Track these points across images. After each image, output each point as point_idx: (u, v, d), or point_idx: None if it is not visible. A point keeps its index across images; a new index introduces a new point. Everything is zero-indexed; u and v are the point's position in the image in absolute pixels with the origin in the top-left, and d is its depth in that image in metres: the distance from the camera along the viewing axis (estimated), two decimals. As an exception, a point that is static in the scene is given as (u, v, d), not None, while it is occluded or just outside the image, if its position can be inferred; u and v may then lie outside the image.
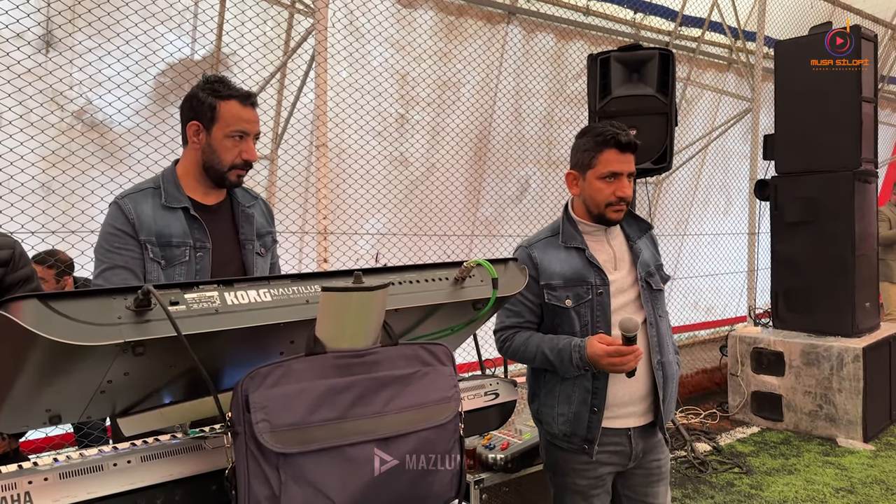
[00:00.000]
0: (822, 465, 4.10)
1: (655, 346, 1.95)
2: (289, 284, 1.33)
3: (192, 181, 1.88)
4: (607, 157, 1.90)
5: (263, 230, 2.04)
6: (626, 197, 1.91)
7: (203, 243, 1.86)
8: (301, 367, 1.24)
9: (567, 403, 1.93)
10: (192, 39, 4.13)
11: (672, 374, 1.99)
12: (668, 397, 1.99)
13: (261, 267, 2.01)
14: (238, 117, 1.81)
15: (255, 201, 2.06)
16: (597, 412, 1.90)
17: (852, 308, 4.69)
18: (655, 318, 1.98)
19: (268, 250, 2.06)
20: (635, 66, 4.23)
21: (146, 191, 1.85)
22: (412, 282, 1.50)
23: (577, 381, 1.92)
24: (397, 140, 5.04)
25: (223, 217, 1.95)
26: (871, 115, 4.83)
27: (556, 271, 1.95)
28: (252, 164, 1.87)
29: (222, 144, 1.81)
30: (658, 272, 2.07)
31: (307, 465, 1.20)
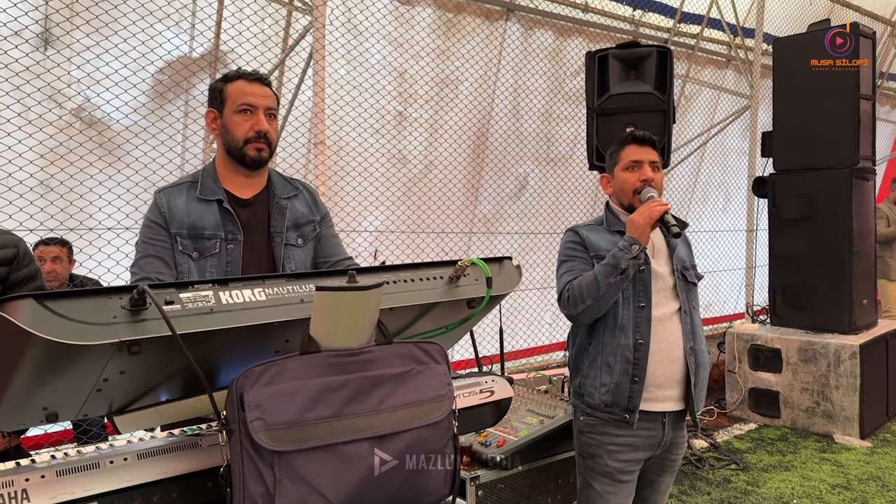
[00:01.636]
0: (818, 461, 4.12)
1: (689, 333, 2.07)
2: (283, 284, 1.34)
3: (227, 173, 1.91)
4: (628, 152, 2.14)
5: (303, 220, 2.00)
6: (648, 178, 2.09)
7: (235, 235, 1.87)
8: (295, 366, 1.25)
9: (609, 374, 2.04)
10: (190, 37, 4.13)
11: (704, 363, 2.12)
12: (700, 384, 2.12)
13: (296, 258, 1.98)
14: (242, 91, 1.83)
15: (297, 191, 2.03)
16: (637, 382, 2.01)
17: (850, 305, 4.70)
18: (689, 307, 2.12)
19: (307, 240, 2.01)
20: (633, 64, 4.23)
21: (183, 185, 1.89)
22: (407, 281, 1.51)
23: (619, 352, 2.03)
24: (396, 137, 5.04)
25: (259, 210, 1.95)
26: (869, 112, 4.84)
27: (602, 246, 2.11)
28: (268, 136, 1.86)
29: (232, 121, 1.84)
30: (692, 269, 2.21)
31: (302, 462, 1.21)
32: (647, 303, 2.05)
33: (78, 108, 3.59)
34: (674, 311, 2.07)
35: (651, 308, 2.05)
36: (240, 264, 1.85)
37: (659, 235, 2.16)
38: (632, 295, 2.06)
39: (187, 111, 4.24)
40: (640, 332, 2.03)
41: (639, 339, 2.02)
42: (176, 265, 1.82)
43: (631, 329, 2.04)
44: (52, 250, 3.41)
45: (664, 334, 2.04)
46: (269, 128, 1.86)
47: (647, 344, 2.02)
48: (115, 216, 3.19)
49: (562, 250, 2.19)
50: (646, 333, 2.03)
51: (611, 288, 1.99)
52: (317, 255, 2.06)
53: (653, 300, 2.06)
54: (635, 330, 2.03)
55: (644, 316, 2.04)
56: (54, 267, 3.43)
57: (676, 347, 2.04)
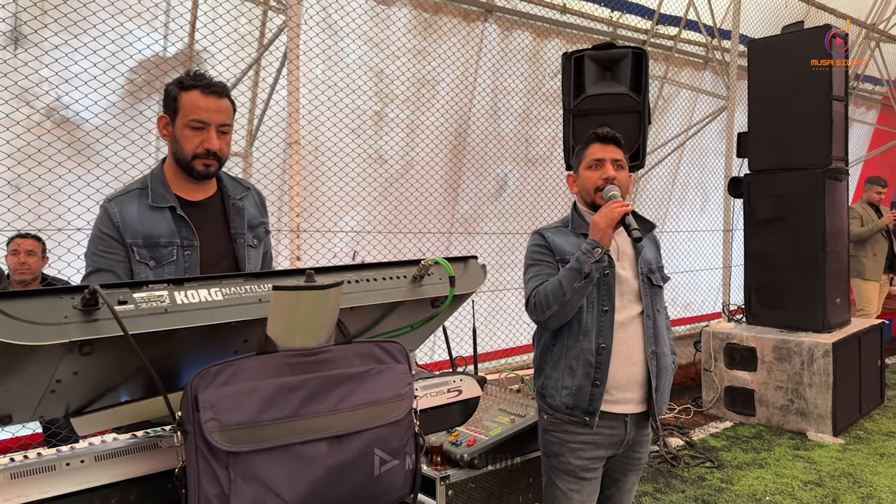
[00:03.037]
0: (791, 458, 4.16)
1: (651, 337, 2.07)
2: (241, 283, 1.33)
3: (177, 178, 1.88)
4: (591, 150, 2.14)
5: (256, 221, 2.04)
6: (610, 177, 2.08)
7: (191, 241, 1.86)
8: (252, 366, 1.24)
9: (571, 377, 2.04)
10: (163, 36, 4.10)
11: (666, 366, 2.12)
12: (662, 388, 2.11)
13: (254, 259, 2.02)
14: (196, 106, 1.79)
15: (247, 192, 2.05)
16: (598, 386, 2.01)
17: (823, 304, 4.76)
18: (653, 311, 2.10)
19: (261, 241, 2.06)
20: (609, 65, 4.25)
21: (133, 192, 1.86)
22: (369, 280, 1.51)
23: (582, 356, 2.03)
24: (374, 137, 5.03)
25: (213, 212, 1.95)
26: (841, 113, 4.90)
27: (567, 249, 2.10)
28: (219, 154, 1.85)
29: (183, 134, 1.81)
30: (659, 271, 2.19)
31: (257, 463, 1.21)
32: (610, 307, 2.05)
33: (48, 108, 3.55)
34: (636, 314, 2.07)
35: (614, 312, 2.04)
36: (198, 270, 1.85)
37: (625, 237, 2.15)
38: (596, 299, 2.05)
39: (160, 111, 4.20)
40: (603, 336, 2.03)
41: (601, 343, 2.02)
42: (133, 276, 1.80)
43: (594, 333, 2.03)
44: (27, 243, 3.40)
45: (625, 338, 2.05)
46: (219, 145, 1.84)
47: (609, 348, 2.02)
48: (84, 217, 3.15)
49: (528, 254, 2.18)
50: (608, 337, 2.02)
51: (576, 293, 1.98)
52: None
53: (616, 304, 2.05)
54: (598, 334, 2.03)
55: (607, 320, 2.03)
56: (28, 260, 3.41)
57: (637, 351, 2.05)
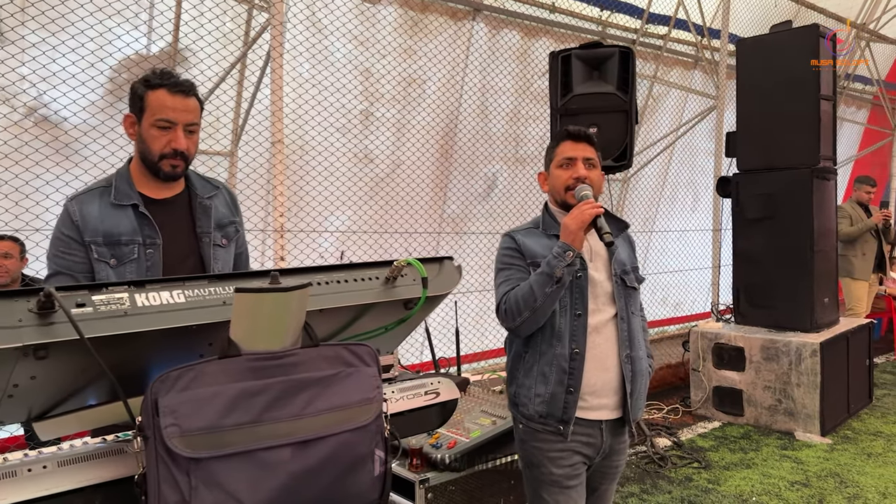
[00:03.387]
0: (779, 458, 4.15)
1: (625, 340, 2.01)
2: (205, 285, 1.30)
3: (143, 177, 1.87)
4: (562, 148, 2.10)
5: (225, 220, 2.01)
6: (581, 176, 2.03)
7: (153, 240, 1.83)
8: (214, 370, 1.21)
9: (544, 384, 1.98)
10: (147, 33, 4.06)
11: (641, 370, 2.04)
12: (637, 392, 2.04)
13: (222, 258, 1.99)
14: (163, 105, 1.77)
15: (217, 191, 2.02)
16: (573, 392, 1.96)
17: (811, 303, 4.75)
18: (627, 314, 2.05)
19: (231, 240, 2.03)
20: (596, 64, 4.23)
21: (95, 190, 1.84)
22: (339, 282, 1.48)
23: (555, 362, 1.97)
24: (361, 136, 5.00)
25: (179, 210, 1.93)
26: (829, 112, 4.90)
27: (538, 252, 2.04)
28: (186, 154, 1.83)
29: (150, 134, 1.79)
30: (633, 272, 2.14)
31: (219, 469, 1.18)
32: (583, 310, 1.99)
33: (28, 107, 3.50)
34: (610, 317, 2.02)
35: (587, 315, 1.99)
36: (160, 268, 1.82)
37: (598, 239, 2.07)
38: (569, 303, 1.99)
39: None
40: (577, 340, 1.97)
41: (574, 349, 1.96)
42: (94, 276, 1.77)
43: (567, 338, 1.97)
44: (5, 245, 3.35)
45: (599, 342, 1.99)
46: (186, 145, 1.82)
47: (582, 353, 1.96)
48: (64, 217, 3.11)
49: (498, 258, 2.11)
50: (582, 342, 1.97)
51: (547, 298, 1.91)
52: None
53: (589, 307, 1.99)
54: (571, 339, 1.97)
55: (580, 324, 1.98)
56: (5, 262, 3.36)
57: (611, 355, 1.99)
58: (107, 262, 1.78)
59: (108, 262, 1.78)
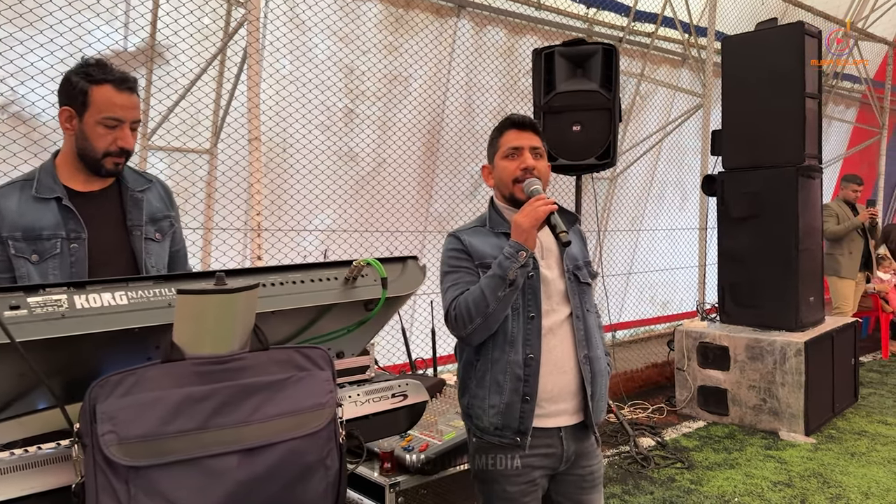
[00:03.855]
0: (763, 458, 4.13)
1: (582, 341, 1.91)
2: (150, 286, 1.25)
3: (70, 169, 1.82)
4: (507, 138, 1.95)
5: (159, 214, 1.97)
6: (529, 167, 1.91)
7: (78, 234, 1.78)
8: (156, 375, 1.17)
9: (498, 394, 1.86)
10: (125, 30, 4.00)
11: (600, 370, 1.94)
12: (598, 394, 1.93)
13: (155, 253, 1.94)
14: (111, 103, 1.73)
15: (150, 184, 1.98)
16: (529, 401, 1.84)
17: (796, 302, 4.73)
18: (583, 311, 1.94)
19: (165, 235, 1.99)
20: (579, 62, 4.20)
21: (16, 184, 1.78)
22: (295, 282, 1.44)
23: (509, 369, 1.86)
24: (344, 134, 4.95)
25: (108, 203, 1.88)
26: (814, 111, 4.88)
27: (487, 252, 1.91)
28: (129, 151, 1.81)
29: (94, 131, 1.74)
30: (586, 267, 2.02)
31: (161, 478, 1.13)
32: (537, 312, 1.87)
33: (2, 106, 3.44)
34: (564, 317, 1.90)
35: (541, 317, 1.87)
36: (86, 264, 1.77)
37: (548, 234, 1.97)
38: (521, 305, 1.87)
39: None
40: (531, 345, 1.85)
41: (529, 354, 1.84)
42: (14, 272, 1.71)
43: (521, 343, 1.85)
44: None
45: (554, 344, 1.88)
46: (133, 144, 1.80)
47: (537, 358, 1.85)
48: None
49: (443, 260, 1.97)
50: (536, 346, 1.85)
51: (500, 302, 1.79)
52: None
53: (543, 308, 1.88)
54: (525, 343, 1.85)
55: (534, 327, 1.86)
56: None
57: (568, 357, 1.88)
58: (27, 259, 1.71)
59: (27, 258, 1.72)
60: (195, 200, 4.34)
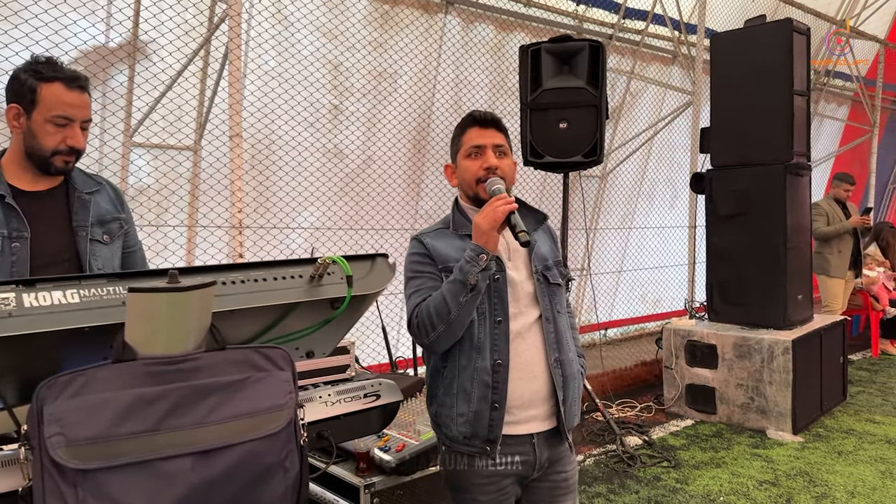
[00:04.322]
0: (749, 457, 4.12)
1: (553, 343, 1.84)
2: (103, 284, 1.22)
3: (16, 168, 1.80)
4: (469, 136, 1.87)
5: (108, 216, 1.96)
6: (492, 166, 1.82)
7: (20, 233, 1.76)
8: (107, 376, 1.14)
9: (466, 402, 1.81)
10: (106, 25, 3.96)
11: (572, 374, 1.87)
12: (570, 399, 1.87)
13: (103, 255, 1.92)
14: (60, 101, 1.71)
15: (100, 186, 1.97)
16: (498, 408, 1.79)
17: (784, 300, 4.72)
18: (553, 313, 1.87)
19: (114, 237, 1.97)
20: (566, 58, 4.17)
21: None
22: (257, 280, 1.41)
23: (477, 376, 1.80)
24: (331, 131, 4.92)
25: (54, 204, 1.86)
26: (803, 108, 4.86)
27: (451, 255, 1.84)
28: (80, 150, 1.79)
29: (43, 129, 1.73)
30: (556, 267, 1.94)
31: (111, 481, 1.10)
32: (504, 316, 1.80)
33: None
34: (534, 320, 1.84)
35: (509, 321, 1.80)
36: (27, 263, 1.75)
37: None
38: (487, 308, 1.80)
39: (105, 104, 4.07)
40: (499, 350, 1.78)
41: (497, 360, 1.78)
42: None
43: (488, 348, 1.79)
44: None
45: (524, 348, 1.81)
46: (83, 143, 1.78)
47: (506, 364, 1.78)
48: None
49: (406, 265, 1.90)
50: (504, 351, 1.78)
51: (463, 308, 1.72)
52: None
53: (510, 311, 1.81)
54: (493, 349, 1.79)
55: (502, 331, 1.79)
56: None
57: (538, 362, 1.81)
58: None
59: None
60: (179, 198, 4.30)
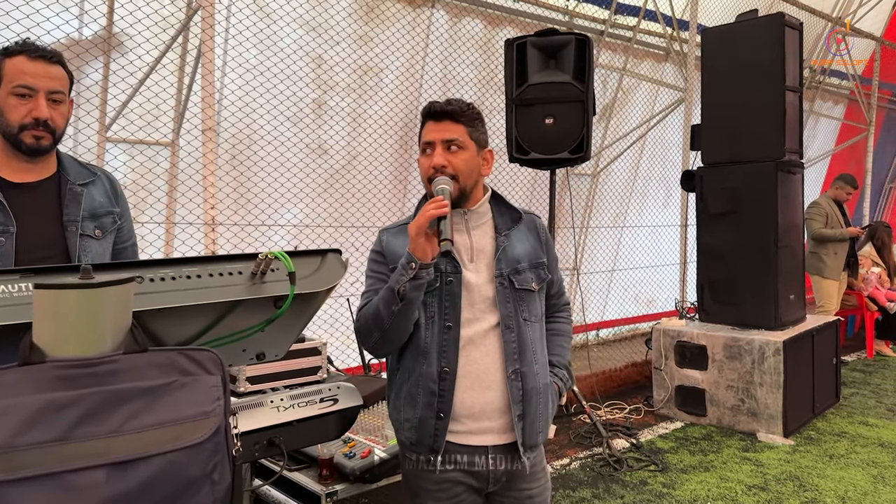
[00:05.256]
0: (739, 461, 4.02)
1: (512, 353, 1.71)
2: (16, 280, 1.13)
3: (4, 157, 1.72)
4: (424, 130, 1.75)
5: (102, 210, 1.86)
6: (437, 165, 1.67)
7: (6, 227, 1.67)
8: (12, 380, 1.04)
9: (412, 407, 1.73)
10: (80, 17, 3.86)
11: (535, 388, 1.73)
12: (532, 414, 1.73)
13: (93, 251, 1.82)
14: (21, 71, 1.63)
15: (95, 177, 1.87)
16: (443, 418, 1.70)
17: (775, 300, 4.62)
18: (517, 321, 1.73)
19: (106, 232, 1.87)
20: (552, 52, 4.08)
21: None
22: (191, 276, 1.31)
23: (422, 382, 1.72)
24: (316, 126, 4.82)
25: (45, 196, 1.77)
26: (795, 105, 4.76)
27: (402, 255, 1.71)
28: (51, 125, 1.69)
29: (7, 103, 1.65)
30: (534, 270, 1.79)
31: (13, 495, 1.01)
32: (454, 322, 1.68)
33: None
34: (490, 326, 1.71)
35: (460, 327, 1.69)
36: (12, 259, 1.65)
37: (485, 234, 1.76)
38: (436, 312, 1.69)
39: (77, 95, 3.97)
40: (447, 357, 1.68)
41: (444, 367, 1.67)
42: None
43: (435, 354, 1.69)
44: None
45: (477, 357, 1.70)
46: (50, 114, 1.68)
47: (453, 372, 1.67)
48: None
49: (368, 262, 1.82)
50: (453, 359, 1.67)
51: (395, 318, 1.62)
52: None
53: (462, 317, 1.69)
54: (441, 356, 1.68)
55: (451, 338, 1.68)
56: None
57: (493, 371, 1.69)
58: None
59: None
60: (153, 194, 4.20)
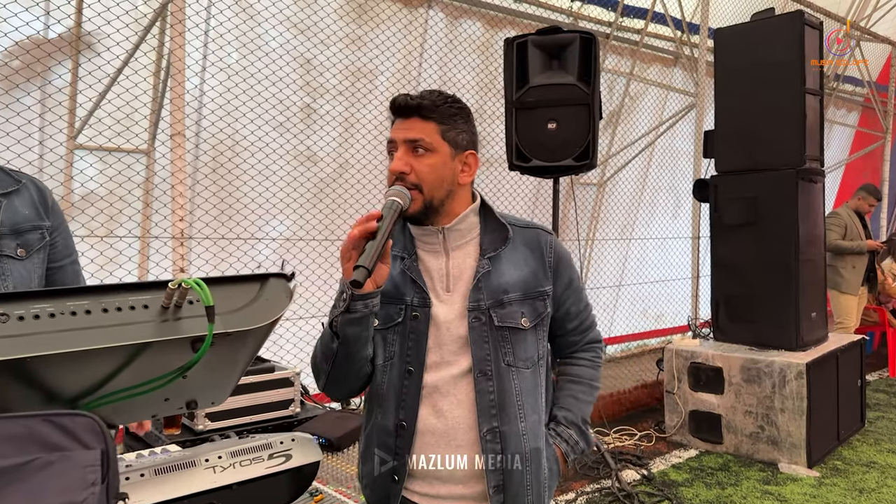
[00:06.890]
0: (760, 495, 3.68)
1: (488, 407, 1.38)
2: None
3: None
4: (391, 128, 1.42)
5: (26, 225, 1.54)
6: (395, 171, 1.35)
7: None
8: None
9: (370, 463, 1.45)
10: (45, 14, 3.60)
11: (519, 453, 1.39)
12: (513, 487, 1.39)
13: (16, 273, 1.50)
14: None
15: (19, 186, 1.55)
16: (397, 482, 1.41)
17: (796, 318, 4.29)
18: (496, 366, 1.39)
19: (31, 251, 1.55)
20: (555, 52, 3.79)
21: None
22: (76, 313, 1.00)
23: (377, 436, 1.44)
24: (303, 134, 4.53)
25: None
26: (816, 109, 4.45)
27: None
28: None
29: None
30: (528, 302, 1.43)
31: None
32: (417, 365, 1.38)
33: None
34: (461, 372, 1.39)
35: (423, 372, 1.38)
36: None
37: (467, 256, 1.43)
38: (397, 353, 1.39)
39: (44, 99, 3.70)
40: (405, 408, 1.38)
41: (401, 420, 1.39)
42: None
43: (393, 404, 1.40)
44: None
45: (445, 408, 1.38)
46: None
47: (411, 426, 1.38)
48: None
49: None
50: (412, 410, 1.38)
51: (338, 357, 1.34)
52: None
53: (428, 360, 1.38)
54: (399, 406, 1.39)
55: (412, 385, 1.38)
56: None
57: (465, 429, 1.38)
58: None
59: None
60: (129, 205, 3.91)
